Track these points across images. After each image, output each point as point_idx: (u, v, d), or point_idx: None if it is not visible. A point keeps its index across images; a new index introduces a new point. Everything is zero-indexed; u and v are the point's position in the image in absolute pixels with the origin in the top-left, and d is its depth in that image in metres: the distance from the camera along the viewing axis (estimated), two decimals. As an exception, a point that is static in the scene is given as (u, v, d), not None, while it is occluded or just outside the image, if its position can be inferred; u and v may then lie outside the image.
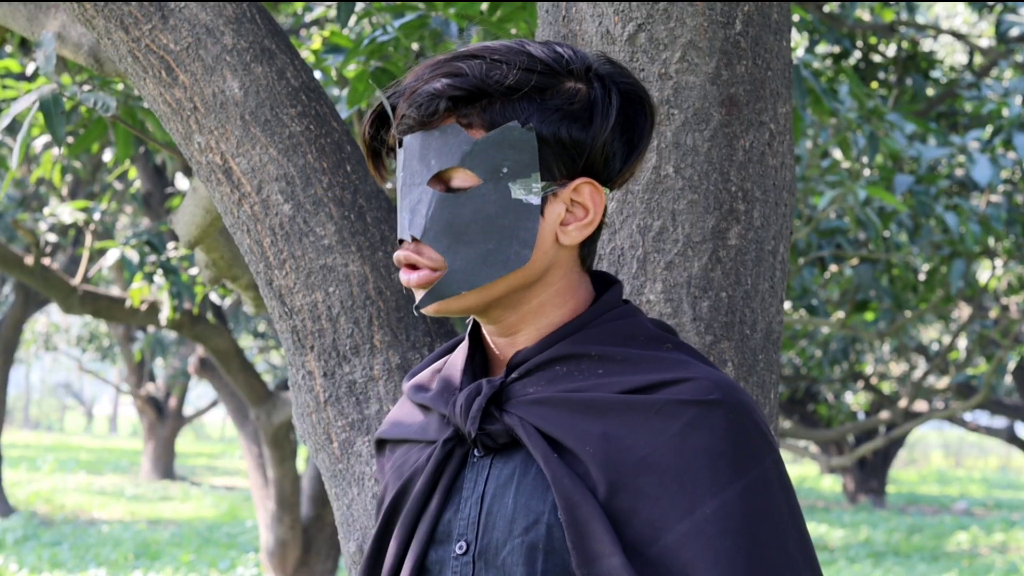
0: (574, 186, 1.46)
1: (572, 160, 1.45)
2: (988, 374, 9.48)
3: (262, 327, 18.05)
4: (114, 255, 6.06)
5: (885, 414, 12.13)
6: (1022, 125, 6.03)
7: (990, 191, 6.62)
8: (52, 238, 7.80)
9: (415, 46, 4.01)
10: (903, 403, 11.40)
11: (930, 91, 7.45)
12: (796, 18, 6.08)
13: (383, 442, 1.63)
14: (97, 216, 7.09)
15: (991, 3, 7.34)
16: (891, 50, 7.62)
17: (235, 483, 20.35)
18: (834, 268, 7.38)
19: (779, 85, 2.00)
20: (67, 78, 3.94)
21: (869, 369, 15.45)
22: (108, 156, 7.17)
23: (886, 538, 14.90)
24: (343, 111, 3.58)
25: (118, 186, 9.57)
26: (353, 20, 4.36)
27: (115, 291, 8.28)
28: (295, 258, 2.12)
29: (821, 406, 16.83)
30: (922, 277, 7.63)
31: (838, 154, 6.84)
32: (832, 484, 23.27)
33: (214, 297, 7.67)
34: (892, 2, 7.16)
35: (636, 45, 1.94)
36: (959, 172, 6.77)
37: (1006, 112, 6.23)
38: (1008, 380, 15.90)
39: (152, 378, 19.70)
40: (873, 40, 7.45)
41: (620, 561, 1.36)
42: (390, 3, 3.69)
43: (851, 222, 5.99)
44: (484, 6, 3.51)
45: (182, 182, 6.37)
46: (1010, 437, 16.26)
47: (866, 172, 6.35)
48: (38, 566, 10.74)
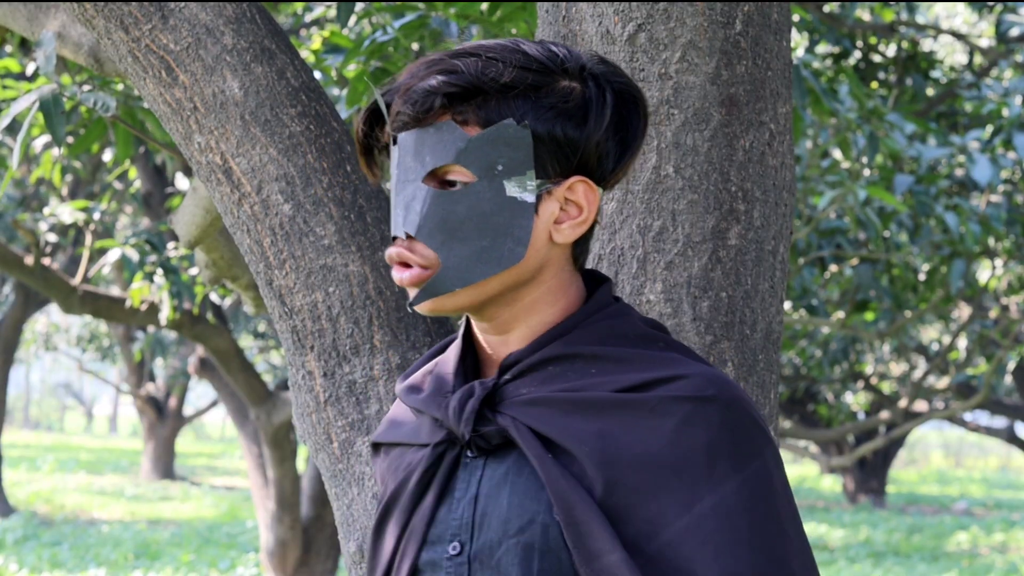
0: (568, 184, 1.46)
1: (566, 158, 1.45)
2: (988, 374, 9.48)
3: (262, 327, 18.05)
4: (114, 255, 6.06)
5: (885, 414, 12.13)
6: (1022, 125, 6.03)
7: (990, 191, 6.62)
8: (52, 238, 7.80)
9: (415, 46, 4.00)
10: (903, 403, 11.40)
11: (930, 91, 7.45)
12: (796, 18, 6.08)
13: (378, 445, 1.63)
14: (97, 216, 7.10)
15: (991, 3, 7.34)
16: (891, 50, 7.62)
17: (235, 483, 20.35)
18: (834, 268, 7.38)
19: (779, 85, 2.00)
20: (67, 78, 3.94)
21: (869, 369, 15.45)
22: (108, 156, 7.17)
23: (886, 538, 14.90)
24: (343, 111, 3.58)
25: (118, 186, 9.57)
26: (353, 20, 4.36)
27: (115, 291, 8.28)
28: (295, 258, 2.12)
29: (821, 406, 16.83)
30: (922, 277, 7.63)
31: (838, 154, 6.84)
32: (832, 484, 23.27)
33: (214, 297, 7.67)
34: (892, 2, 7.16)
35: (636, 45, 1.94)
36: (959, 172, 6.77)
37: (1006, 112, 6.23)
38: (1008, 380, 15.90)
39: (152, 378, 19.70)
40: (873, 40, 7.45)
41: (619, 557, 1.36)
42: (390, 3, 3.69)
43: (851, 222, 5.99)
44: (484, 6, 3.51)
45: (182, 182, 6.37)
46: (1010, 437, 16.26)
47: (866, 172, 6.35)
48: (38, 566, 10.74)
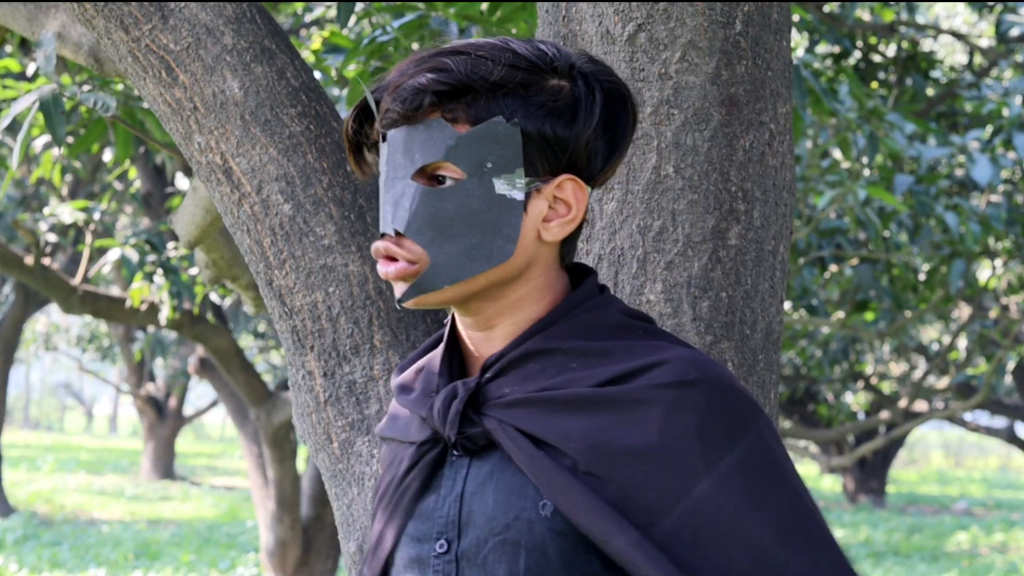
0: (557, 183, 1.46)
1: (556, 157, 1.46)
2: (988, 374, 9.48)
3: (262, 327, 18.05)
4: (114, 255, 6.06)
5: (885, 414, 12.12)
6: (1022, 125, 6.03)
7: (990, 191, 6.62)
8: (52, 238, 7.79)
9: (415, 46, 4.00)
10: (903, 403, 11.40)
11: (930, 91, 7.45)
12: (796, 18, 6.08)
13: (382, 437, 1.65)
14: (97, 216, 7.10)
15: (991, 3, 7.34)
16: (891, 50, 7.62)
17: (235, 483, 20.35)
18: (834, 268, 7.38)
19: (779, 85, 2.00)
20: (67, 78, 3.94)
21: (869, 369, 15.45)
22: (108, 156, 7.17)
23: (886, 538, 14.90)
24: (343, 111, 3.58)
25: (118, 186, 9.57)
26: (353, 20, 4.36)
27: (115, 291, 8.28)
28: (295, 258, 2.12)
29: (821, 406, 16.83)
30: (922, 277, 7.63)
31: (838, 154, 6.84)
32: (832, 484, 23.27)
33: (214, 297, 7.67)
34: (892, 2, 7.16)
35: (636, 45, 1.94)
36: (959, 172, 6.76)
37: (1006, 112, 6.23)
38: (1008, 380, 15.90)
39: (152, 378, 19.70)
40: (873, 40, 7.45)
41: (626, 539, 1.37)
42: (390, 3, 3.69)
43: (851, 222, 5.99)
44: (484, 6, 3.51)
45: (182, 182, 6.37)
46: (1010, 437, 16.25)
47: (866, 172, 6.35)
48: (38, 566, 10.74)
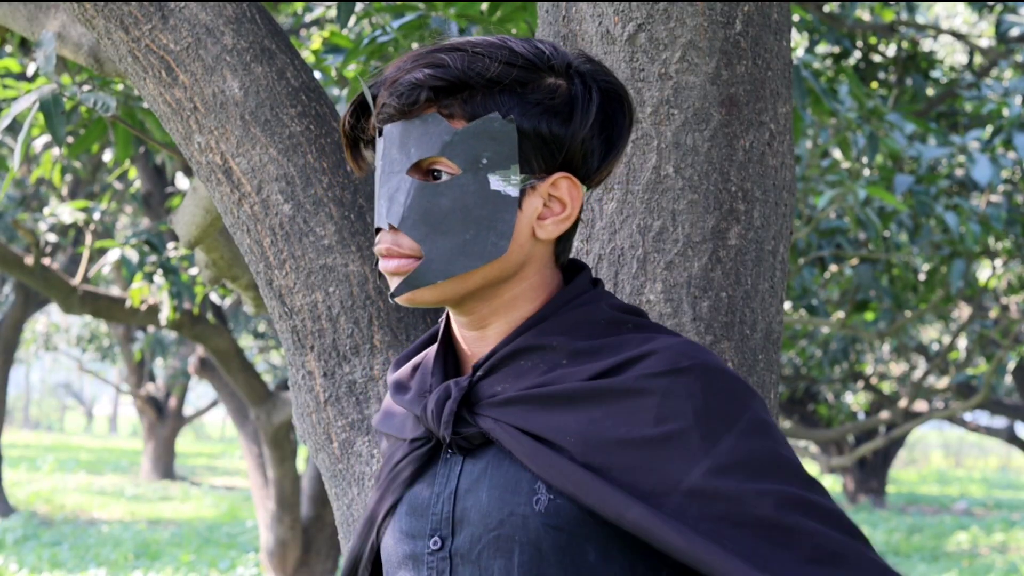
0: (552, 180, 1.46)
1: (551, 155, 1.46)
2: (988, 374, 9.47)
3: (262, 327, 18.04)
4: (114, 255, 6.06)
5: (885, 414, 12.12)
6: (1022, 125, 6.03)
7: (990, 191, 6.62)
8: (52, 238, 7.79)
9: (415, 46, 4.00)
10: (903, 403, 11.39)
11: (930, 91, 7.45)
12: (796, 18, 6.08)
13: (379, 431, 1.65)
14: (97, 216, 7.09)
15: (991, 3, 7.34)
16: (891, 50, 7.62)
17: (235, 483, 20.35)
18: (834, 268, 7.38)
19: (779, 85, 2.00)
20: (67, 78, 3.94)
21: (869, 369, 15.44)
22: (108, 156, 7.17)
23: (886, 538, 14.90)
24: (343, 111, 3.58)
25: (118, 186, 9.56)
26: (353, 20, 4.36)
27: (115, 291, 8.28)
28: (295, 258, 2.12)
29: (821, 406, 16.83)
30: (922, 277, 7.63)
31: (838, 154, 6.84)
32: (832, 484, 23.25)
33: (214, 297, 7.67)
34: (892, 2, 7.16)
35: (636, 45, 1.94)
36: (959, 172, 6.76)
37: (1006, 112, 6.23)
38: (1008, 380, 15.89)
39: (152, 378, 19.70)
40: (873, 40, 7.44)
41: (637, 512, 1.38)
42: (390, 3, 3.69)
43: (851, 222, 5.99)
44: (484, 6, 3.51)
45: (182, 182, 6.37)
46: (1010, 437, 16.25)
47: (866, 172, 6.35)
48: (38, 566, 10.74)
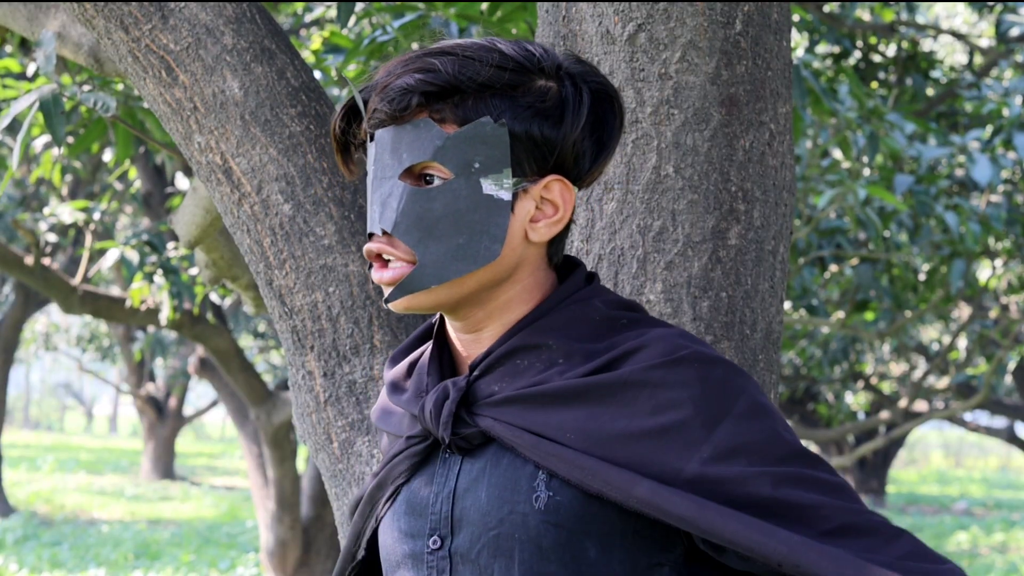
0: (544, 183, 1.47)
1: (543, 157, 1.46)
2: (988, 374, 9.47)
3: (262, 327, 18.04)
4: (114, 255, 6.05)
5: (885, 414, 12.12)
6: (1022, 125, 6.03)
7: (990, 191, 6.62)
8: (52, 238, 7.79)
9: (415, 46, 4.00)
10: (903, 403, 11.39)
11: (930, 91, 7.45)
12: (796, 18, 6.08)
13: (378, 427, 1.65)
14: (97, 216, 7.10)
15: (991, 3, 7.34)
16: (891, 50, 7.62)
17: (235, 483, 20.35)
18: (834, 268, 7.38)
19: (779, 85, 2.00)
20: (67, 78, 3.94)
21: (869, 369, 15.44)
22: (108, 156, 7.17)
23: (886, 538, 14.88)
24: (343, 111, 3.57)
25: (118, 186, 9.56)
26: (353, 20, 4.36)
27: (115, 291, 8.28)
28: (295, 258, 2.12)
29: (821, 406, 16.81)
30: (922, 277, 7.63)
31: (838, 154, 6.84)
32: (832, 484, 23.24)
33: (214, 297, 7.67)
34: (892, 2, 7.16)
35: (636, 45, 1.94)
36: (959, 172, 6.77)
37: (1006, 112, 6.23)
38: (1008, 380, 15.88)
39: (152, 378, 19.69)
40: (873, 40, 7.45)
41: (648, 486, 1.38)
42: (390, 3, 3.69)
43: (851, 222, 5.99)
44: (484, 6, 3.51)
45: (182, 182, 6.37)
46: (1010, 437, 16.24)
47: (866, 172, 6.35)
48: (38, 566, 10.74)
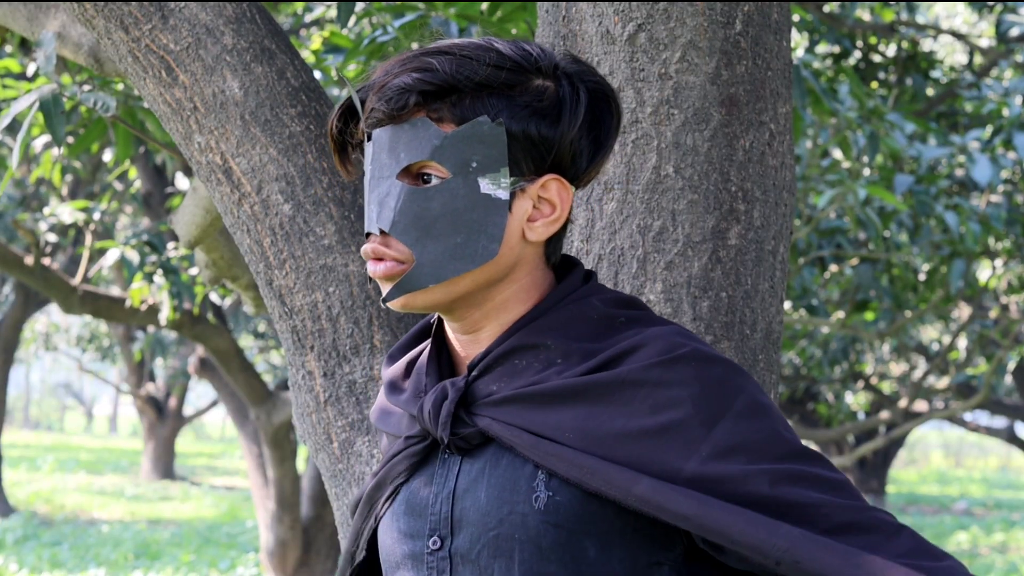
0: (542, 182, 1.47)
1: (540, 157, 1.46)
2: (988, 374, 9.47)
3: (262, 327, 18.04)
4: (114, 255, 6.05)
5: (885, 414, 12.11)
6: (1022, 125, 6.03)
7: (990, 191, 6.61)
8: (52, 238, 7.79)
9: (415, 46, 4.00)
10: (903, 403, 11.39)
11: (930, 91, 7.45)
12: (796, 18, 6.08)
13: (378, 428, 1.65)
14: (97, 216, 7.09)
15: (991, 3, 7.34)
16: (891, 50, 7.62)
17: (235, 483, 20.35)
18: (834, 268, 7.38)
19: (779, 85, 2.00)
20: (67, 78, 3.94)
21: (869, 369, 15.44)
22: (108, 156, 7.17)
23: (886, 538, 14.87)
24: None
25: (118, 186, 9.56)
26: (353, 20, 4.36)
27: (115, 291, 8.28)
28: (295, 258, 2.12)
29: (821, 406, 16.81)
30: (922, 277, 7.63)
31: (838, 154, 6.84)
32: (832, 484, 23.23)
33: (214, 297, 7.67)
34: (892, 2, 7.16)
35: (636, 45, 1.94)
36: (959, 172, 6.76)
37: (1006, 112, 6.23)
38: (1008, 380, 15.88)
39: (152, 378, 19.69)
40: (873, 40, 7.44)
41: (648, 483, 1.38)
42: (390, 3, 3.69)
43: (851, 222, 5.99)
44: (484, 6, 3.51)
45: (182, 182, 6.37)
46: (1010, 437, 16.23)
47: (866, 172, 6.35)
48: (38, 566, 10.74)
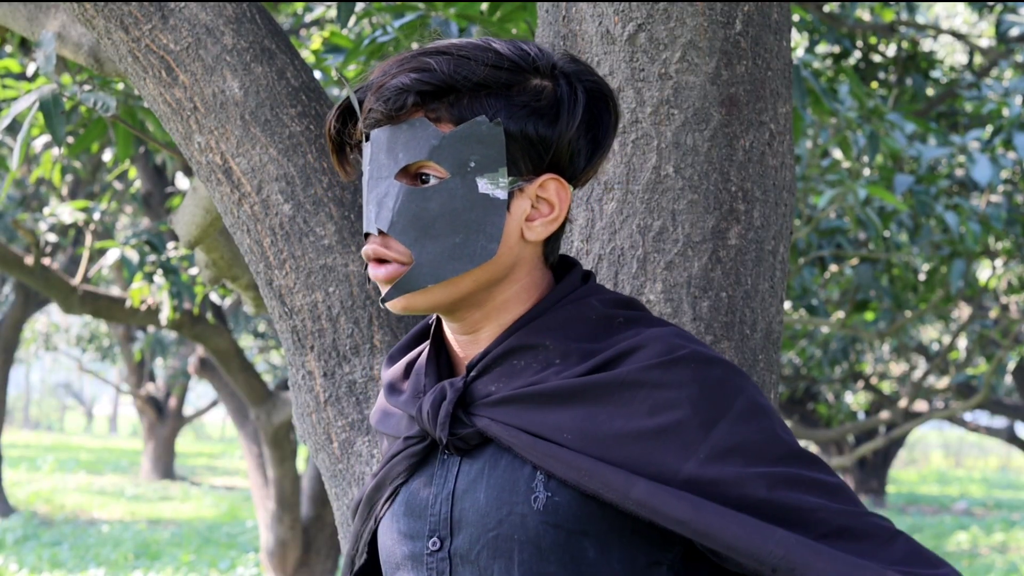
0: (540, 182, 1.47)
1: (539, 156, 1.46)
2: (988, 374, 9.47)
3: (262, 327, 18.04)
4: (114, 255, 6.06)
5: (885, 414, 12.11)
6: (1022, 125, 6.02)
7: (990, 191, 6.62)
8: (52, 238, 7.79)
9: (414, 46, 4.00)
10: (903, 403, 11.38)
11: (930, 91, 7.45)
12: (796, 18, 6.08)
13: (378, 430, 1.65)
14: (97, 216, 7.09)
15: (991, 3, 7.34)
16: (891, 50, 7.62)
17: (235, 483, 20.35)
18: (834, 268, 7.38)
19: (779, 85, 2.00)
20: (67, 78, 3.94)
21: (869, 369, 15.44)
22: (108, 156, 7.17)
23: (886, 538, 14.86)
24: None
25: (118, 186, 9.56)
26: (353, 20, 4.36)
27: (115, 291, 8.28)
28: (295, 258, 2.12)
29: (821, 406, 16.82)
30: (922, 277, 7.63)
31: (838, 154, 6.84)
32: (832, 484, 23.22)
33: (214, 297, 7.67)
34: (892, 2, 7.16)
35: (636, 45, 1.94)
36: (959, 172, 6.76)
37: (1006, 112, 6.23)
38: (1008, 380, 15.89)
39: (152, 378, 19.69)
40: (873, 40, 7.44)
41: (645, 486, 1.38)
42: (390, 3, 3.69)
43: (851, 222, 5.99)
44: (484, 6, 3.51)
45: (182, 182, 6.37)
46: (1010, 437, 16.24)
47: (866, 172, 6.35)
48: (38, 566, 10.74)
